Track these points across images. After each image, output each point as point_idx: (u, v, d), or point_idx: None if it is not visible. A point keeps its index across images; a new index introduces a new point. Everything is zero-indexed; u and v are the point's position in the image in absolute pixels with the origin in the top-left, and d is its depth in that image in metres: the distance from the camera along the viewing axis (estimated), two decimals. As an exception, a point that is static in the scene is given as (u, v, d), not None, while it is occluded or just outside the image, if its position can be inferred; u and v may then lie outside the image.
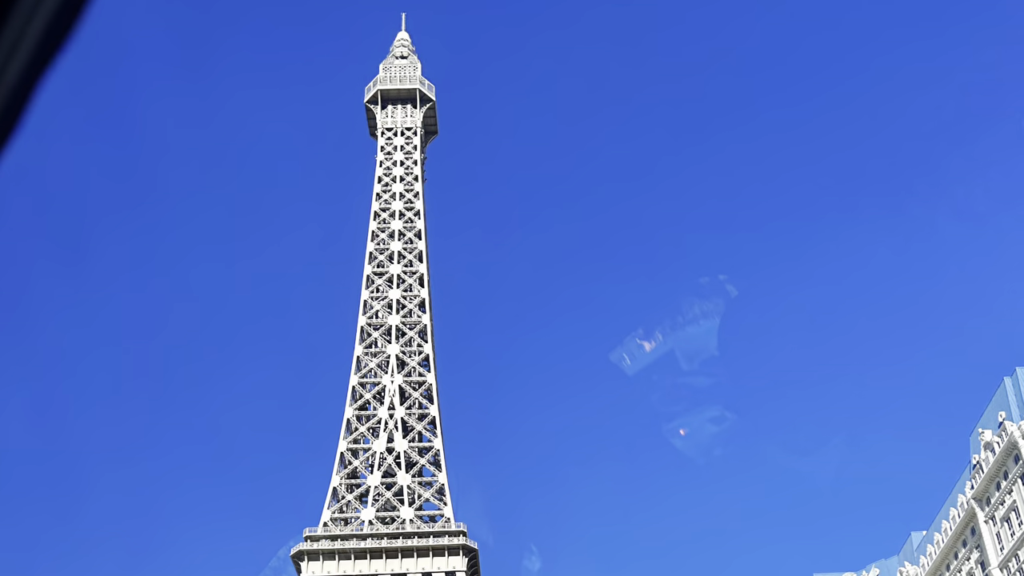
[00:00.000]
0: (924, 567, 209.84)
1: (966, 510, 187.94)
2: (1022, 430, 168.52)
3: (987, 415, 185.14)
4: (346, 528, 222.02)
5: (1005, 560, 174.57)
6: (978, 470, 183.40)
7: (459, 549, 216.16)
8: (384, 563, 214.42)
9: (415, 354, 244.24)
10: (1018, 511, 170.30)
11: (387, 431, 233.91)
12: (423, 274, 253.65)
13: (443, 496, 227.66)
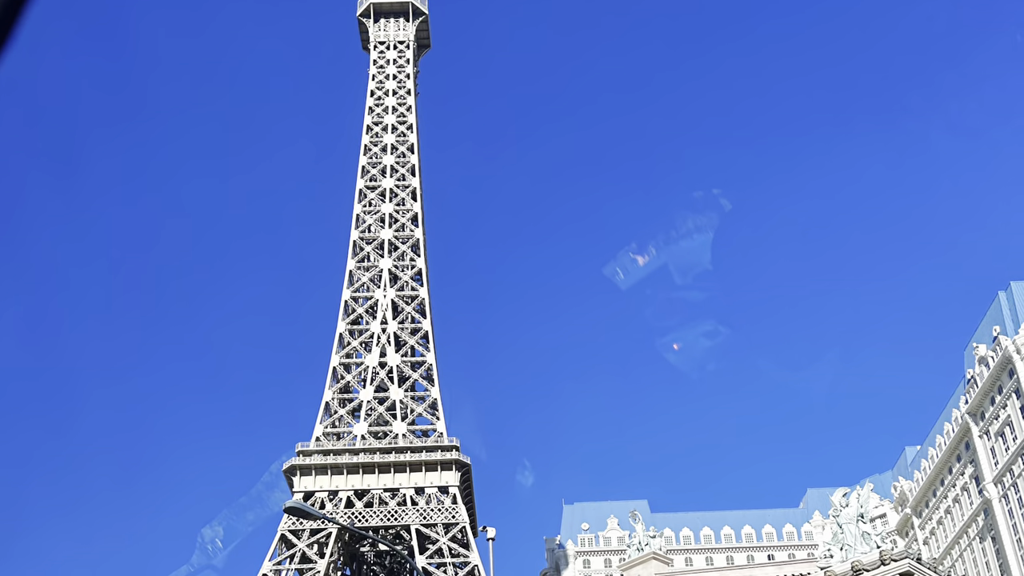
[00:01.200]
0: (918, 482, 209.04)
1: (960, 425, 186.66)
2: (1016, 344, 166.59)
3: (981, 330, 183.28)
4: (338, 443, 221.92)
5: (999, 474, 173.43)
6: (972, 385, 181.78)
7: (452, 464, 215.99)
8: (376, 478, 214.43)
9: (408, 268, 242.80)
10: (1012, 425, 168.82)
11: (379, 346, 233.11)
12: (416, 188, 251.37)
13: (436, 411, 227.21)
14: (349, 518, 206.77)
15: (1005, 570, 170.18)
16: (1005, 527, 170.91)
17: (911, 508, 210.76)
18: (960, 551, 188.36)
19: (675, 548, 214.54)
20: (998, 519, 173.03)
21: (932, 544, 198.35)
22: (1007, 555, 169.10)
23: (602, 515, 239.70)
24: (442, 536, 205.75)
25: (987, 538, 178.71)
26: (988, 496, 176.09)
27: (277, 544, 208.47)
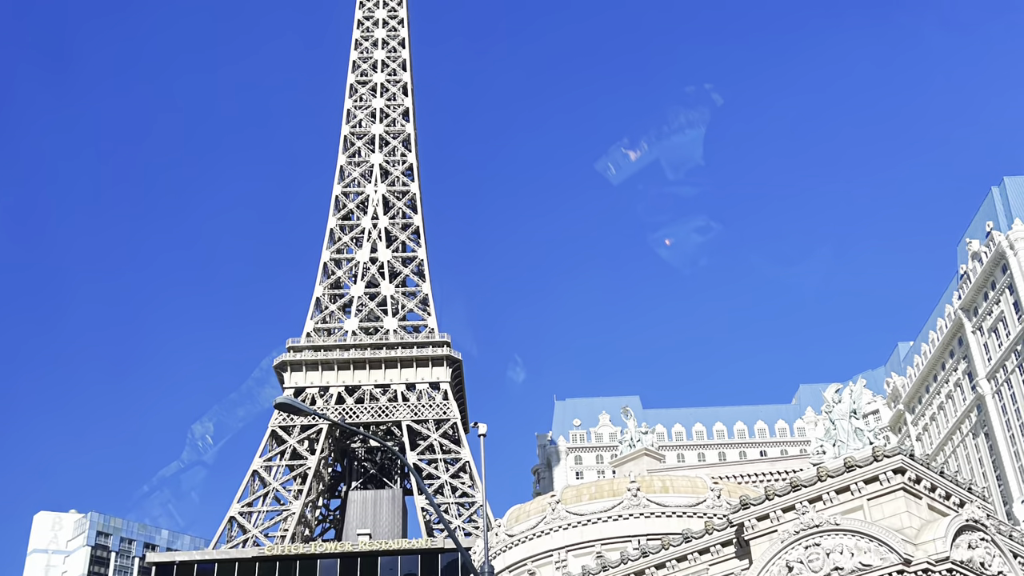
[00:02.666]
0: (911, 378, 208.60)
1: (953, 320, 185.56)
2: (1010, 240, 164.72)
3: (974, 225, 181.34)
4: (329, 338, 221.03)
5: (993, 370, 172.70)
6: (965, 280, 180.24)
7: (443, 360, 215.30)
8: (367, 374, 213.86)
9: (399, 164, 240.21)
10: (1005, 321, 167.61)
11: (370, 241, 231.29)
12: (407, 83, 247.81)
13: (427, 306, 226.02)
14: (340, 414, 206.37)
15: (998, 466, 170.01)
16: (998, 423, 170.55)
17: (904, 404, 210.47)
18: (953, 447, 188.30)
19: (667, 444, 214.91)
20: (991, 415, 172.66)
21: (925, 440, 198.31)
22: (1000, 451, 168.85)
23: (593, 411, 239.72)
24: (433, 432, 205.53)
25: (980, 434, 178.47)
26: (981, 392, 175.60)
27: (267, 440, 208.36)
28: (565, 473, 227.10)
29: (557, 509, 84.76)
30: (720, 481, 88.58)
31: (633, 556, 67.33)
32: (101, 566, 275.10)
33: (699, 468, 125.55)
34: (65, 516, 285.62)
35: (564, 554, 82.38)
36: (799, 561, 55.08)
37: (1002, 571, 56.61)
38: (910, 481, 55.69)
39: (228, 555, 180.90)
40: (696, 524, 73.25)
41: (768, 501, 59.17)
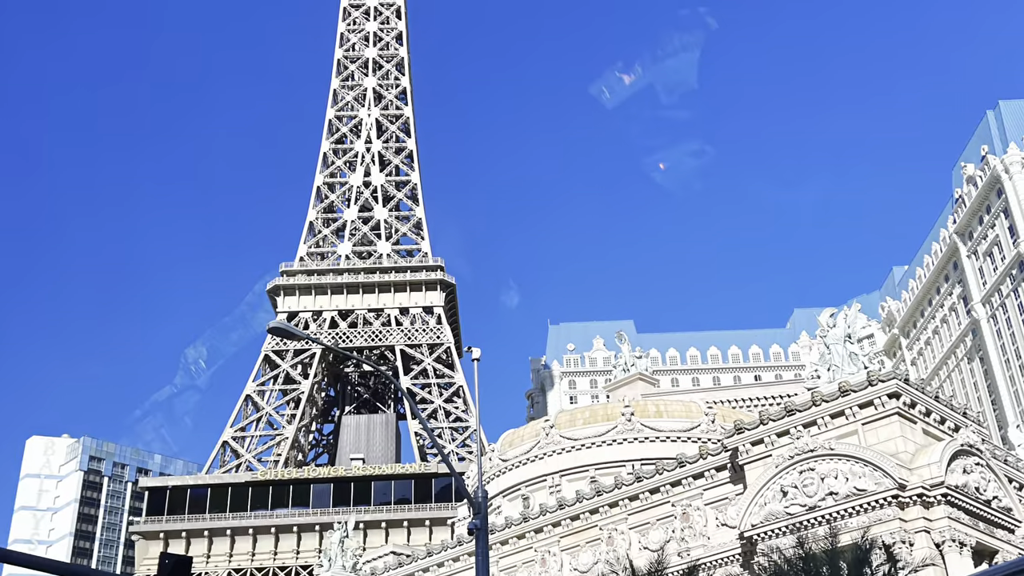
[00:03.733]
0: (906, 302, 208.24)
1: (948, 244, 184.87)
2: (1005, 164, 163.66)
3: (969, 149, 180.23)
4: (322, 263, 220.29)
5: (988, 295, 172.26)
6: (960, 204, 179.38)
7: (436, 284, 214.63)
8: (361, 298, 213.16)
9: (392, 87, 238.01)
10: (1000, 245, 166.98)
11: (364, 165, 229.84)
12: (400, 6, 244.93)
13: (420, 230, 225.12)
14: (333, 338, 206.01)
15: (993, 390, 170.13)
16: (993, 347, 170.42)
17: (899, 328, 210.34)
18: (948, 371, 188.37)
19: (661, 369, 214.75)
20: (986, 339, 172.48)
21: (920, 364, 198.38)
22: (995, 375, 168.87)
23: (588, 335, 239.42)
24: (427, 356, 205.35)
25: (975, 358, 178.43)
26: (976, 316, 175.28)
27: (261, 364, 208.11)
28: (559, 397, 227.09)
29: (551, 434, 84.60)
30: (714, 406, 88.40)
31: (627, 480, 67.19)
32: (94, 491, 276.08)
33: (693, 393, 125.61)
34: (58, 441, 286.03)
35: (558, 478, 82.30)
36: (793, 486, 54.86)
37: (997, 496, 56.44)
38: (905, 406, 55.40)
39: (221, 480, 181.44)
40: (690, 449, 73.07)
41: (762, 426, 58.91)
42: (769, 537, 54.60)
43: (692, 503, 63.45)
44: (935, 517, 51.76)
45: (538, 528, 71.40)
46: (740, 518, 57.17)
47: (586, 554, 67.72)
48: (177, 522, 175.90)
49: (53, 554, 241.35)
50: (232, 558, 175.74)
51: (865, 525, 49.04)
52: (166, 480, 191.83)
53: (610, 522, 67.18)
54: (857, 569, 33.84)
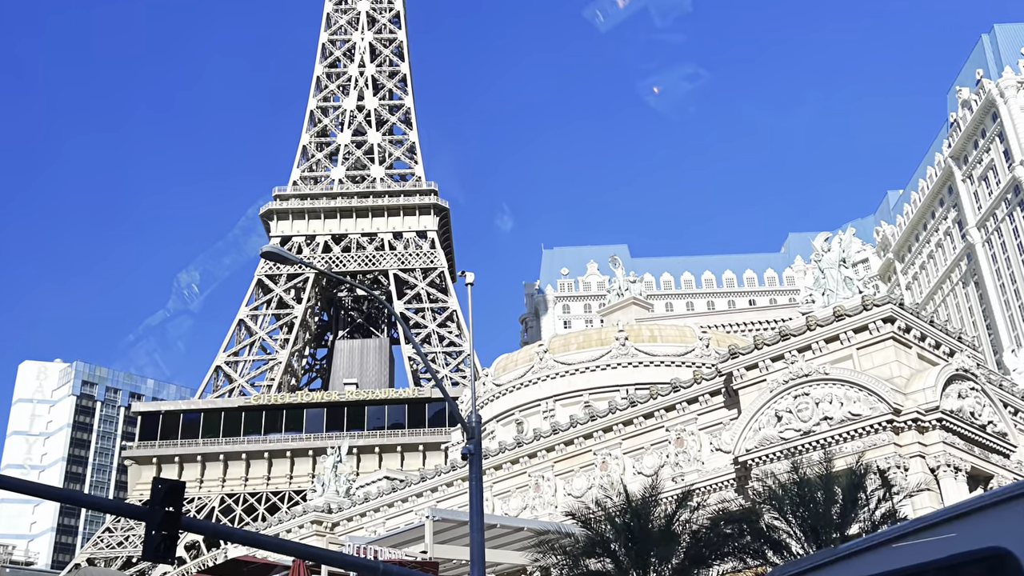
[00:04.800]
0: (901, 226, 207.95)
1: (943, 169, 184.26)
2: (1000, 87, 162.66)
3: (964, 73, 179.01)
4: (316, 187, 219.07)
5: (982, 219, 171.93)
6: (955, 128, 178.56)
7: (430, 208, 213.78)
8: (354, 222, 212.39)
9: (386, 11, 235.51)
10: (995, 169, 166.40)
11: (357, 89, 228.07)
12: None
13: (414, 155, 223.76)
14: (326, 263, 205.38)
15: (988, 315, 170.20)
16: (988, 272, 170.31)
17: (893, 253, 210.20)
18: (943, 296, 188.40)
19: (655, 293, 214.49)
20: (981, 264, 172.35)
21: (915, 289, 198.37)
22: (990, 300, 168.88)
23: (582, 260, 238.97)
24: (420, 281, 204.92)
25: (970, 283, 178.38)
26: (971, 241, 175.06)
27: (254, 289, 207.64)
28: (553, 322, 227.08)
29: (545, 359, 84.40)
30: (709, 330, 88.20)
31: (621, 406, 67.02)
32: (86, 415, 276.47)
33: (687, 317, 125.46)
34: (50, 366, 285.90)
35: (552, 403, 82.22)
36: (788, 411, 54.67)
37: (992, 420, 56.30)
38: (900, 330, 55.09)
39: (214, 404, 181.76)
40: (684, 374, 72.87)
41: (757, 350, 58.63)
42: (763, 462, 54.51)
43: (686, 428, 63.35)
44: (930, 442, 51.65)
45: (532, 453, 71.37)
46: (734, 443, 57.06)
47: (580, 479, 67.73)
48: (170, 447, 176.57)
49: (46, 479, 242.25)
50: (225, 483, 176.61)
51: (860, 450, 48.86)
52: (159, 405, 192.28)
53: (604, 447, 67.13)
54: (852, 494, 33.64)
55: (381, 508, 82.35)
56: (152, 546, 21.34)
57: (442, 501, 76.16)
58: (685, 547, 32.52)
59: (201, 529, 28.04)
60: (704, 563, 32.84)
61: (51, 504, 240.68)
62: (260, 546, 28.23)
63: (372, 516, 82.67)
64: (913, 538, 11.56)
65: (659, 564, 32.07)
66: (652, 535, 32.29)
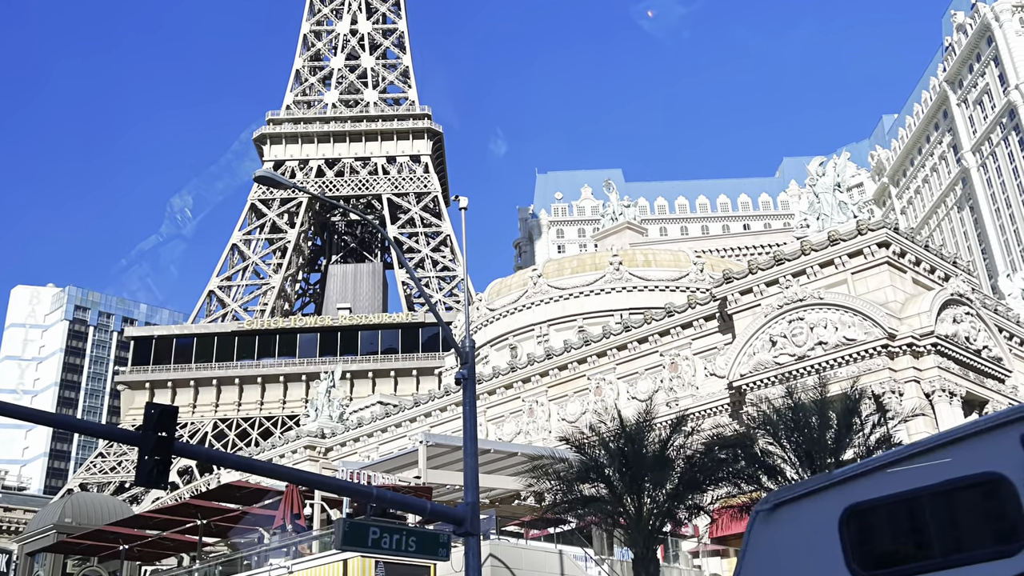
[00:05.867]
0: (896, 151, 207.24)
1: (938, 93, 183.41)
2: (995, 11, 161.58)
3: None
4: (309, 111, 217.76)
5: (978, 143, 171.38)
6: (950, 52, 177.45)
7: (423, 132, 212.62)
8: (347, 146, 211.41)
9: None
10: (990, 93, 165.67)
11: (350, 12, 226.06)
12: None
13: (407, 79, 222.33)
14: (320, 187, 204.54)
15: (983, 239, 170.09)
16: (983, 196, 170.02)
17: (888, 177, 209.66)
18: (938, 221, 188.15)
19: (649, 218, 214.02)
20: (976, 188, 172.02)
21: (910, 214, 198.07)
22: (985, 224, 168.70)
23: (576, 184, 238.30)
24: (414, 206, 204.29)
25: (965, 207, 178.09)
26: (966, 165, 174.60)
27: (247, 214, 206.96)
28: (547, 247, 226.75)
29: (539, 283, 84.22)
30: (703, 255, 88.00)
31: (615, 330, 66.92)
32: (79, 340, 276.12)
33: (682, 242, 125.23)
34: (43, 290, 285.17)
35: (546, 328, 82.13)
36: (782, 335, 54.57)
37: (987, 345, 56.24)
38: (894, 255, 54.88)
39: (207, 329, 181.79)
40: (679, 298, 72.75)
41: (751, 275, 58.43)
42: (758, 387, 54.49)
43: (680, 353, 63.31)
44: (925, 367, 51.60)
45: (526, 378, 71.41)
46: (729, 368, 57.02)
47: (574, 404, 67.79)
48: (163, 372, 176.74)
49: (38, 404, 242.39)
50: (218, 408, 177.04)
51: (854, 375, 48.84)
52: (152, 329, 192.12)
53: (598, 372, 67.13)
54: (846, 419, 33.58)
55: (375, 433, 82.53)
56: (145, 471, 21.18)
57: (436, 426, 76.30)
58: (679, 472, 32.50)
59: (194, 454, 27.93)
60: (698, 488, 32.83)
61: (44, 429, 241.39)
62: (253, 471, 28.12)
63: (366, 441, 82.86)
64: (908, 463, 11.43)
65: (653, 489, 32.08)
66: (646, 460, 32.25)
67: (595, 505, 33.20)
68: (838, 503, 11.98)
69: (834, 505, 12.01)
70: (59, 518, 65.69)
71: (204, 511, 49.55)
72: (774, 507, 12.74)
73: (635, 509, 32.11)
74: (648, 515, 32.12)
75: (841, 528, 11.81)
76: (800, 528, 12.44)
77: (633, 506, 32.17)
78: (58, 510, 67.74)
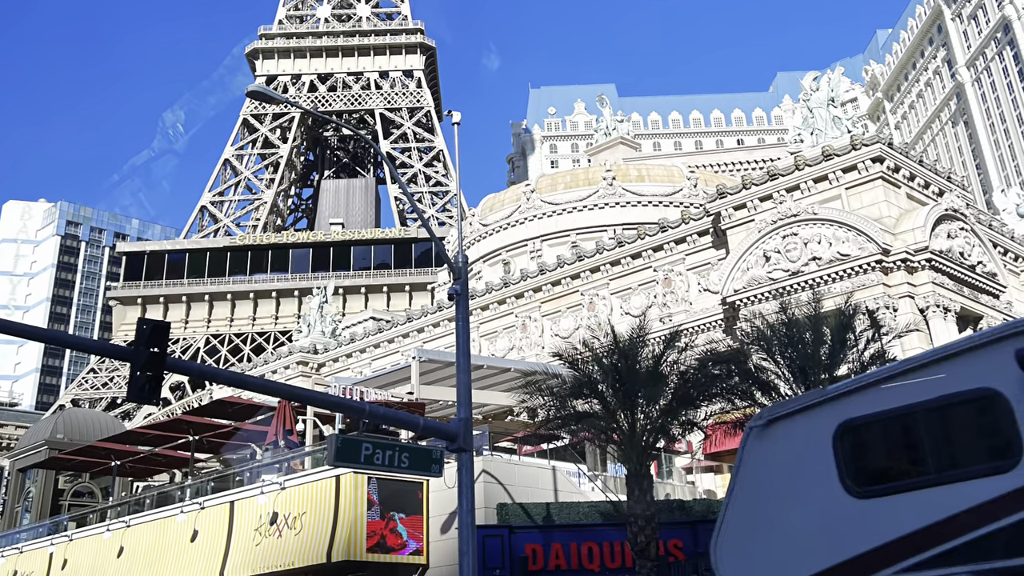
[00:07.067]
0: (890, 65, 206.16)
1: (932, 7, 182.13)
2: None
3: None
4: (301, 26, 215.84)
5: (972, 58, 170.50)
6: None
7: (416, 47, 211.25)
8: (340, 61, 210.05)
9: None
10: (985, 8, 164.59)
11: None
12: None
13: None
14: (312, 102, 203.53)
15: (977, 154, 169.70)
16: (977, 111, 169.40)
17: (882, 92, 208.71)
18: (932, 136, 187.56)
19: (643, 133, 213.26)
20: (970, 103, 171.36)
21: (904, 129, 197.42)
22: (979, 139, 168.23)
23: (569, 99, 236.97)
24: (407, 121, 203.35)
25: (959, 122, 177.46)
26: (960, 80, 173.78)
27: (239, 129, 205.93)
28: (540, 162, 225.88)
29: (532, 198, 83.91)
30: (696, 170, 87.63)
31: (608, 246, 66.79)
32: (71, 256, 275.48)
33: (675, 157, 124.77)
34: (34, 205, 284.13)
35: (539, 244, 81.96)
36: (776, 251, 54.44)
37: (981, 261, 56.21)
38: (888, 170, 54.65)
39: (200, 244, 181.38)
40: (672, 214, 72.55)
41: (745, 190, 58.21)
42: (751, 302, 54.47)
43: (674, 268, 63.22)
44: (919, 282, 51.56)
45: (519, 293, 71.35)
46: (722, 283, 56.94)
47: (567, 319, 67.81)
48: (155, 287, 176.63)
49: (30, 319, 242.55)
50: (210, 323, 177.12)
51: (848, 291, 48.75)
52: (144, 245, 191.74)
53: (591, 287, 67.08)
54: (840, 334, 33.47)
55: (367, 349, 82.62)
56: (137, 387, 21.07)
57: (428, 342, 76.38)
58: (673, 388, 32.41)
59: (186, 370, 27.84)
60: (692, 404, 32.76)
61: (35, 345, 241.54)
62: (245, 387, 28.01)
63: (358, 357, 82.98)
64: (902, 379, 11.39)
65: (647, 405, 32.01)
66: (640, 376, 32.16)
67: (588, 421, 33.15)
68: (832, 419, 11.98)
69: (828, 421, 12.00)
70: (51, 434, 65.95)
71: (196, 427, 49.65)
72: (768, 423, 12.74)
73: (628, 425, 32.09)
74: (641, 431, 32.09)
75: (835, 444, 11.82)
76: (794, 444, 12.45)
77: (626, 422, 32.14)
78: (49, 426, 67.99)
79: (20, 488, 67.78)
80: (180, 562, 43.71)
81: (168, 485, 57.22)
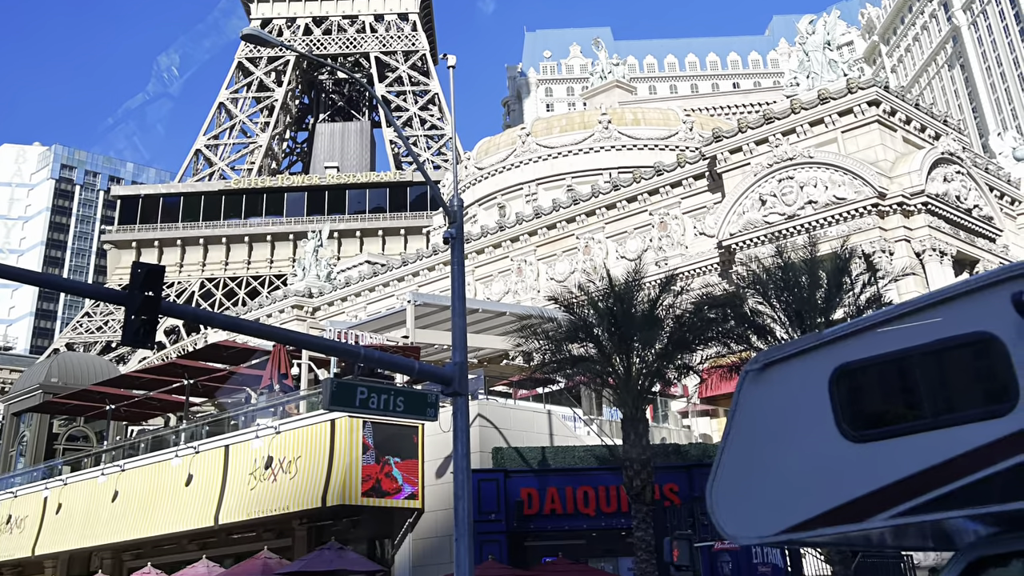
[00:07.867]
0: (886, 8, 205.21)
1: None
2: None
3: None
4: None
5: (968, 1, 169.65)
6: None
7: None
8: (335, 4, 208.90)
9: None
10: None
11: None
12: None
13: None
14: (307, 45, 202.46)
15: (974, 98, 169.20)
16: (974, 54, 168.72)
17: (879, 36, 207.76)
18: (928, 79, 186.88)
19: (638, 76, 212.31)
20: (967, 46, 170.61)
21: (900, 72, 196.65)
22: (976, 83, 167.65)
23: (564, 43, 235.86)
24: (402, 64, 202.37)
25: (955, 66, 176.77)
26: (957, 23, 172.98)
27: (234, 72, 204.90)
28: (535, 105, 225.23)
29: (527, 142, 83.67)
30: (692, 113, 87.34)
31: (604, 189, 66.62)
32: (65, 199, 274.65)
33: (671, 100, 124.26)
34: (28, 149, 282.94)
35: (534, 187, 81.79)
36: (772, 194, 54.35)
37: (978, 204, 56.13)
38: (885, 113, 54.46)
39: (194, 188, 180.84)
40: (668, 157, 72.33)
41: (741, 134, 58.02)
42: (747, 246, 54.42)
43: (670, 212, 63.10)
44: (915, 226, 51.50)
45: (514, 237, 71.24)
46: (718, 227, 56.87)
47: (562, 263, 67.75)
48: (149, 231, 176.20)
49: (24, 263, 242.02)
50: (205, 267, 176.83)
51: (845, 234, 48.71)
52: (138, 188, 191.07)
53: (587, 231, 66.97)
54: (836, 278, 33.45)
55: (362, 293, 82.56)
56: (131, 331, 21.01)
57: (424, 286, 76.34)
58: (668, 332, 32.41)
59: (181, 314, 27.78)
60: (687, 348, 32.80)
61: (30, 289, 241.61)
62: (240, 331, 28.00)
63: (353, 301, 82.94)
64: (898, 323, 11.32)
65: (642, 349, 32.05)
66: (635, 320, 32.16)
67: (584, 365, 33.19)
68: (828, 363, 11.92)
69: (824, 365, 11.94)
70: (45, 378, 65.94)
71: (191, 371, 49.67)
72: (764, 367, 12.68)
73: (624, 369, 32.12)
74: (637, 375, 32.14)
75: (831, 388, 11.76)
76: (790, 388, 12.39)
77: (622, 366, 32.17)
78: (44, 370, 67.96)
79: (15, 432, 67.90)
80: (175, 506, 43.86)
81: (163, 429, 57.33)
